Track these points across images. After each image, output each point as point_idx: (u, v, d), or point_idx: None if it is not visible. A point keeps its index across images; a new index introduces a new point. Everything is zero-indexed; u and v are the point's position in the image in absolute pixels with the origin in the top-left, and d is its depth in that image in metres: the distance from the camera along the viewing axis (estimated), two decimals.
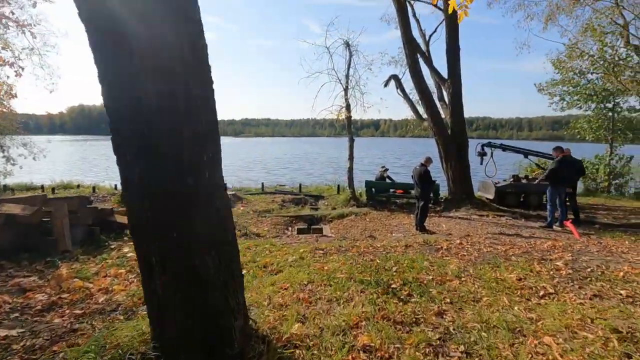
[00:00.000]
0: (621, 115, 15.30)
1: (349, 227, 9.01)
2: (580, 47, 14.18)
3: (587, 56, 14.55)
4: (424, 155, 8.16)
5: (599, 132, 15.40)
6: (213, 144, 1.61)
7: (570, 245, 5.55)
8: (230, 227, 1.73)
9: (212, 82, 1.58)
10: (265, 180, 20.29)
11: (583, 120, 16.23)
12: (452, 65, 10.65)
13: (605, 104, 15.19)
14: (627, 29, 12.99)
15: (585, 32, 14.13)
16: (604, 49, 14.25)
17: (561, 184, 8.12)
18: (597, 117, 15.66)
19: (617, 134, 15.18)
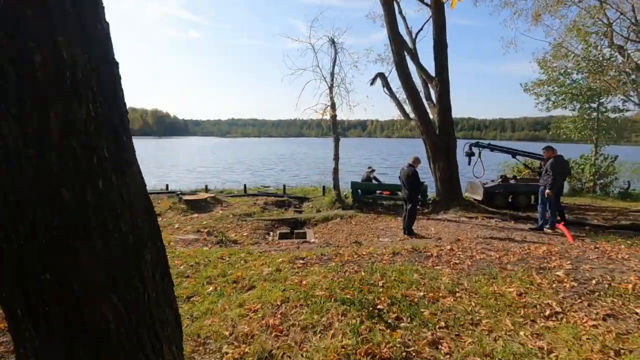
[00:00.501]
0: (605, 115, 15.34)
1: (333, 232, 8.55)
2: (566, 47, 14.14)
3: (572, 55, 14.54)
4: (411, 156, 7.77)
5: (584, 132, 15.40)
6: (114, 138, 1.11)
7: (566, 251, 5.21)
8: (148, 258, 1.23)
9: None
10: (249, 181, 19.68)
11: (568, 120, 16.23)
12: (439, 62, 10.33)
13: (590, 104, 15.20)
14: (611, 29, 12.96)
15: (570, 31, 14.11)
16: (589, 49, 14.26)
17: (557, 184, 7.85)
18: (582, 117, 15.67)
19: (602, 134, 15.20)
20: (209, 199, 10.84)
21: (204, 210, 10.28)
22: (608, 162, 14.65)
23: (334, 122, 11.95)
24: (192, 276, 4.21)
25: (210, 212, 10.11)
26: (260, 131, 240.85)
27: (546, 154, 8.02)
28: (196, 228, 8.39)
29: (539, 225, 7.92)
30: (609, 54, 14.13)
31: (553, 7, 13.86)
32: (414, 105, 10.52)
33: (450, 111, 10.49)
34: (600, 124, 15.17)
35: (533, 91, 16.20)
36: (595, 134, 15.18)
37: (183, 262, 4.87)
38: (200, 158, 38.56)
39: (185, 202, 10.28)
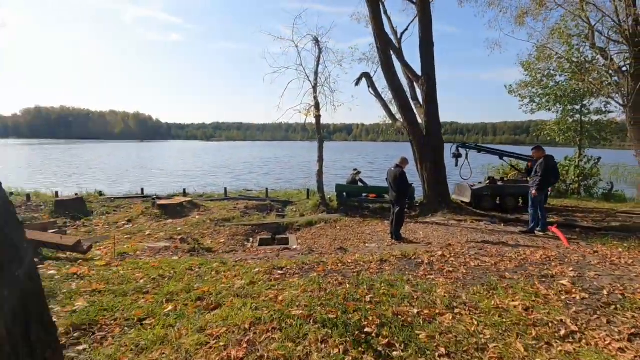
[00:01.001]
0: (588, 117, 15.42)
1: (317, 237, 8.06)
2: (549, 48, 14.13)
3: (555, 57, 14.56)
4: (399, 156, 7.37)
5: (568, 134, 15.44)
6: None
7: (564, 255, 4.88)
8: None
9: None
10: (232, 185, 19.02)
11: (552, 123, 16.26)
12: (425, 61, 10.03)
13: (574, 106, 15.25)
14: (592, 31, 12.99)
15: (553, 34, 14.13)
16: (571, 51, 14.31)
17: (548, 185, 7.62)
18: (565, 119, 15.72)
19: (585, 136, 15.26)
20: (185, 204, 10.19)
21: (180, 216, 9.63)
22: (592, 163, 14.70)
23: (317, 122, 11.51)
24: (152, 292, 3.65)
25: (186, 218, 9.48)
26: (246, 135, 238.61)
27: (536, 155, 7.76)
28: (169, 235, 7.76)
29: (529, 227, 7.64)
30: (591, 56, 14.20)
31: (535, 10, 13.88)
32: (400, 105, 10.19)
33: (437, 111, 10.19)
34: (583, 125, 15.23)
35: (517, 93, 16.18)
36: (579, 136, 15.23)
37: (145, 274, 4.28)
38: (182, 162, 37.41)
39: (159, 207, 9.61)
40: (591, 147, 16.08)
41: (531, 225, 7.62)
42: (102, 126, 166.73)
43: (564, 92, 14.81)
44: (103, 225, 8.73)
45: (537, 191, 7.37)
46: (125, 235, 7.63)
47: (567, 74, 14.93)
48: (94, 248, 6.05)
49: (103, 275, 4.27)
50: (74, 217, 9.25)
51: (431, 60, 10.06)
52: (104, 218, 9.47)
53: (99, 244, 6.40)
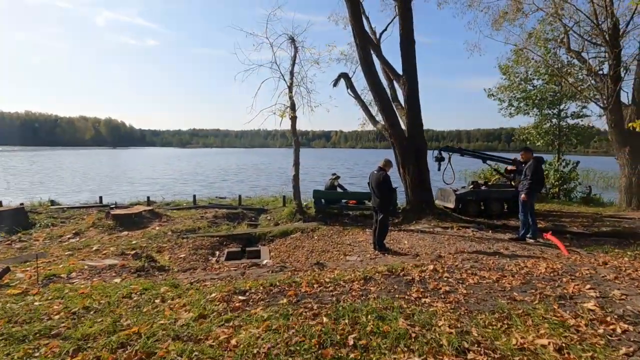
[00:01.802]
0: (565, 121, 15.44)
1: (292, 249, 7.22)
2: (526, 52, 14.04)
3: (532, 62, 14.51)
4: (382, 159, 6.68)
5: (547, 138, 15.38)
6: None
7: (573, 268, 4.28)
8: None
9: None
10: (204, 192, 17.86)
11: (530, 127, 16.21)
12: (406, 59, 9.49)
13: (551, 110, 15.24)
14: (567, 36, 12.96)
15: (530, 38, 14.08)
16: (548, 55, 14.29)
17: (538, 189, 7.16)
18: (542, 123, 15.69)
19: (563, 140, 15.25)
20: (144, 213, 9.10)
21: (138, 227, 8.54)
22: (570, 167, 14.65)
23: (293, 124, 10.74)
24: (63, 334, 2.72)
25: (145, 229, 8.40)
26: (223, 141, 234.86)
27: (525, 156, 7.27)
28: (121, 250, 6.71)
29: (520, 234, 7.12)
30: (567, 60, 14.23)
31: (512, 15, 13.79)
32: (380, 105, 9.58)
33: (420, 112, 9.65)
34: (561, 129, 15.22)
35: (497, 97, 16.06)
36: (557, 140, 15.20)
37: (64, 307, 3.33)
38: (152, 169, 35.52)
39: (114, 218, 8.49)
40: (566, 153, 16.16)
41: (522, 232, 7.10)
42: (71, 132, 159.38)
43: (542, 95, 14.76)
44: (44, 240, 7.54)
45: (527, 195, 6.87)
46: (66, 252, 6.52)
47: (544, 79, 14.94)
48: (19, 269, 4.98)
49: (8, 309, 3.28)
50: (10, 231, 8.00)
51: (412, 59, 9.54)
52: (47, 231, 8.25)
53: (26, 265, 5.31)
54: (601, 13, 10.64)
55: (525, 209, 7.00)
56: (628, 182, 10.44)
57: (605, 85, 10.83)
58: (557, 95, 14.66)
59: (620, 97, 10.69)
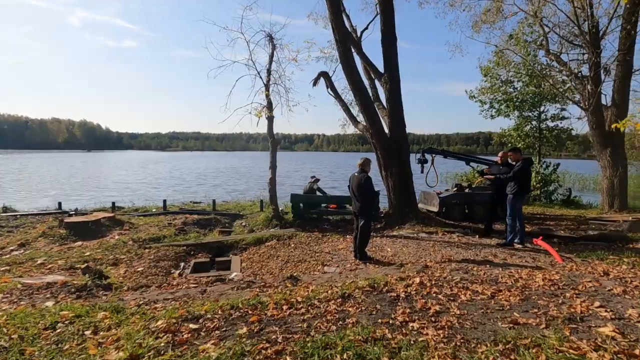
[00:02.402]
0: (545, 123, 15.48)
1: (266, 258, 6.60)
2: (507, 54, 13.98)
3: (513, 64, 14.47)
4: (360, 158, 6.16)
5: (528, 140, 15.35)
6: None
7: (573, 280, 3.86)
8: None
9: None
10: (179, 197, 16.94)
11: (511, 129, 16.17)
12: (388, 56, 9.08)
13: (532, 112, 15.24)
14: (546, 38, 12.94)
15: (510, 39, 14.03)
16: (528, 57, 14.27)
17: (526, 191, 6.80)
18: (524, 126, 15.68)
19: (543, 142, 15.26)
20: (103, 220, 8.26)
21: (95, 236, 7.72)
22: (551, 169, 14.63)
23: (270, 124, 10.14)
24: None
25: (103, 238, 7.59)
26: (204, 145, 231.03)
27: (514, 157, 6.89)
28: (70, 263, 5.93)
29: (507, 240, 6.74)
30: (546, 62, 14.24)
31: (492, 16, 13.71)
32: (361, 104, 9.10)
33: (402, 111, 9.24)
34: (541, 131, 15.22)
35: (478, 98, 15.95)
36: (538, 142, 15.19)
37: None
38: (124, 173, 33.93)
39: (68, 226, 7.63)
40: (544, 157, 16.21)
41: (509, 237, 6.73)
42: (43, 135, 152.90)
43: (523, 97, 14.72)
44: None
45: (515, 197, 6.52)
46: (4, 266, 5.68)
47: (524, 80, 14.93)
48: None
49: None
50: None
51: (394, 56, 9.13)
52: None
53: None
54: (581, 15, 10.58)
55: (513, 213, 6.64)
56: (610, 184, 10.36)
57: (586, 86, 10.76)
58: (537, 98, 14.65)
59: (600, 99, 10.62)
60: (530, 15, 11.78)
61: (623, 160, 10.45)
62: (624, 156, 10.61)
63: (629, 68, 10.32)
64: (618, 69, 10.40)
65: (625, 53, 9.91)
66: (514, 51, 12.97)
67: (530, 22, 13.18)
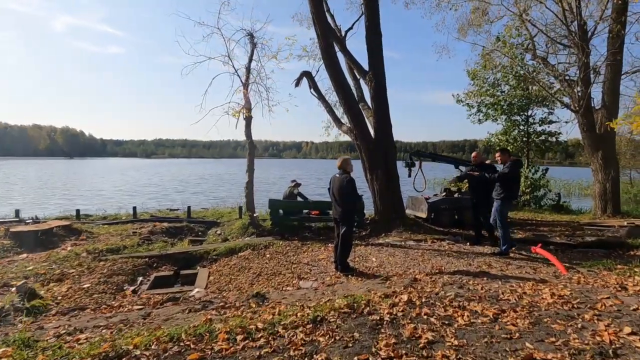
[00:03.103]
0: (532, 127, 15.22)
1: (237, 271, 5.87)
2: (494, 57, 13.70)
3: (500, 67, 14.21)
4: (339, 158, 5.54)
5: (516, 144, 15.05)
6: None
7: (587, 296, 3.29)
8: None
9: None
10: (155, 204, 15.98)
11: (498, 133, 15.87)
12: (373, 54, 8.55)
13: (520, 116, 14.97)
14: (533, 42, 12.71)
15: (497, 43, 13.79)
16: (515, 60, 14.04)
17: (514, 196, 6.27)
18: (512, 130, 15.39)
19: (532, 146, 14.98)
20: (57, 230, 7.39)
21: (46, 247, 6.85)
22: (540, 174, 14.32)
23: (248, 124, 9.48)
24: None
25: (53, 249, 6.73)
26: (191, 152, 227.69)
27: (502, 158, 6.33)
28: (6, 280, 5.10)
29: (503, 248, 6.16)
30: (533, 66, 14.03)
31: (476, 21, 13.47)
32: (345, 103, 8.53)
33: (388, 111, 8.70)
34: (529, 136, 14.96)
35: (465, 102, 15.63)
36: (526, 146, 14.90)
37: None
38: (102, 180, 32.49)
39: (12, 236, 6.75)
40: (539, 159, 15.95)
41: (504, 246, 6.15)
42: (24, 142, 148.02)
43: (510, 99, 14.44)
44: None
45: (503, 203, 5.96)
46: None
47: (511, 84, 14.68)
48: None
49: None
50: None
51: (379, 53, 8.62)
52: None
53: None
54: (569, 16, 10.33)
55: (503, 219, 6.06)
56: (602, 189, 10.00)
57: (576, 88, 10.46)
58: (525, 101, 14.39)
59: (591, 101, 10.32)
60: (517, 16, 11.48)
61: (615, 163, 10.12)
62: (615, 159, 10.30)
63: (619, 69, 10.07)
64: (607, 70, 10.13)
65: (615, 52, 9.65)
66: (501, 52, 12.64)
67: (517, 25, 12.96)
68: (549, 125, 14.77)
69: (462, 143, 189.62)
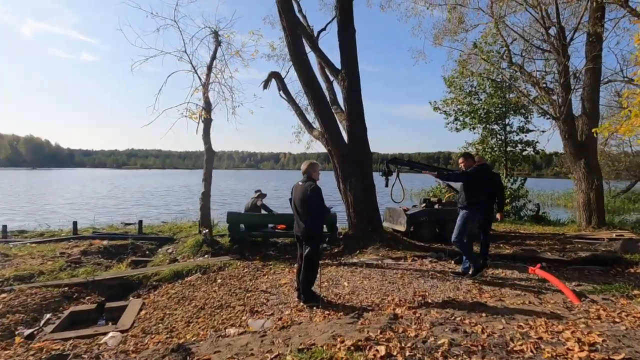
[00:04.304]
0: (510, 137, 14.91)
1: (175, 304, 4.71)
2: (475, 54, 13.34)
3: (476, 74, 13.86)
4: (305, 162, 4.56)
5: (493, 153, 14.65)
6: None
7: (624, 344, 2.42)
8: None
9: None
10: (105, 219, 14.30)
11: (475, 142, 15.47)
12: (345, 50, 7.76)
13: (497, 125, 14.63)
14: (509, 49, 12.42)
15: (474, 49, 13.46)
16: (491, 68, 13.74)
17: (479, 205, 5.27)
18: (489, 139, 15.01)
19: (509, 155, 14.63)
20: None
21: None
22: (518, 184, 13.93)
23: (206, 127, 8.44)
24: None
25: None
26: (165, 163, 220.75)
27: (465, 164, 5.32)
28: None
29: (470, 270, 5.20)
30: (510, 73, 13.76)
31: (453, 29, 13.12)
32: (314, 103, 7.63)
33: (362, 113, 7.87)
34: (507, 145, 14.61)
35: (442, 110, 15.17)
36: (504, 156, 14.53)
37: None
38: (56, 192, 29.87)
39: None
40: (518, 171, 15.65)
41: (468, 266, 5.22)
42: None
43: (488, 107, 14.06)
44: None
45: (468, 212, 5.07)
46: None
47: (489, 92, 14.37)
48: None
49: None
50: None
51: (352, 49, 7.82)
52: None
53: None
54: (547, 21, 10.00)
55: (461, 233, 5.06)
56: (585, 199, 9.53)
57: (556, 94, 10.08)
58: (503, 109, 14.05)
59: (572, 107, 9.95)
60: (493, 23, 11.06)
61: (598, 171, 9.72)
62: (598, 168, 9.91)
63: (598, 75, 9.76)
64: (587, 75, 9.81)
65: (596, 56, 9.31)
66: (479, 56, 12.23)
67: (494, 32, 12.67)
68: (526, 134, 14.49)
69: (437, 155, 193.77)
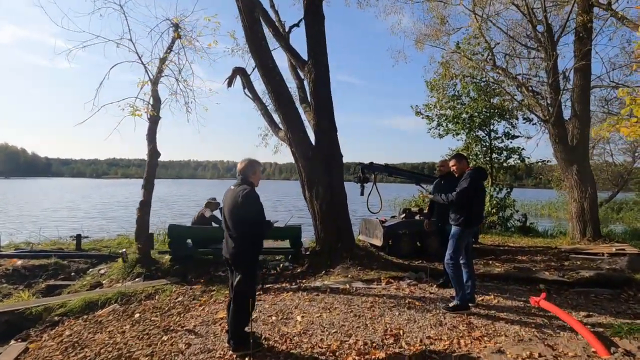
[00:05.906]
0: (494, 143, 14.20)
1: (61, 353, 3.47)
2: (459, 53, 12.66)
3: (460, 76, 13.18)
4: (242, 160, 3.44)
5: (478, 160, 13.88)
6: None
7: None
8: None
9: None
10: (55, 233, 12.73)
11: (460, 149, 14.70)
12: (313, 39, 6.77)
13: (483, 129, 13.91)
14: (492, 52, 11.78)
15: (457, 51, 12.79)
16: (475, 72, 13.09)
17: (478, 220, 4.29)
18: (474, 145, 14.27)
19: (494, 162, 13.89)
20: None
21: None
22: (504, 193, 13.14)
23: (152, 126, 7.23)
24: None
25: None
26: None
27: (457, 167, 4.37)
28: None
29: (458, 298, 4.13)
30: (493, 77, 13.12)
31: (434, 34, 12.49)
32: (276, 98, 6.55)
33: (332, 110, 6.85)
34: (492, 151, 13.87)
35: (425, 114, 14.37)
36: (489, 163, 13.77)
37: None
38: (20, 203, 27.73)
39: None
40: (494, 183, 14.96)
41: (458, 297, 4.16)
42: None
43: (472, 112, 13.32)
44: None
45: (462, 229, 4.07)
46: None
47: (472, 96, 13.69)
48: None
49: None
50: None
51: (321, 39, 6.82)
52: None
53: None
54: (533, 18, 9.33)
55: (456, 253, 4.08)
56: (579, 208, 8.69)
57: (545, 95, 9.34)
58: (487, 114, 13.34)
59: (562, 109, 9.21)
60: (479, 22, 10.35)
61: (591, 178, 8.93)
62: (591, 174, 9.14)
63: (588, 75, 9.07)
64: (577, 76, 9.10)
65: (586, 54, 8.62)
66: (464, 56, 11.50)
67: (476, 34, 12.06)
68: (511, 140, 13.79)
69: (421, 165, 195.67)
